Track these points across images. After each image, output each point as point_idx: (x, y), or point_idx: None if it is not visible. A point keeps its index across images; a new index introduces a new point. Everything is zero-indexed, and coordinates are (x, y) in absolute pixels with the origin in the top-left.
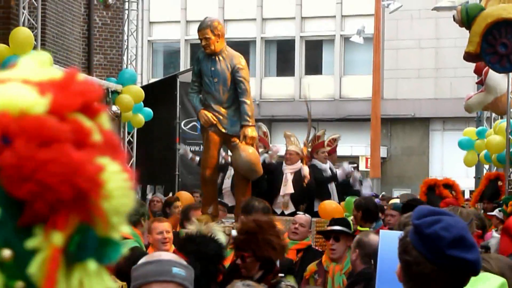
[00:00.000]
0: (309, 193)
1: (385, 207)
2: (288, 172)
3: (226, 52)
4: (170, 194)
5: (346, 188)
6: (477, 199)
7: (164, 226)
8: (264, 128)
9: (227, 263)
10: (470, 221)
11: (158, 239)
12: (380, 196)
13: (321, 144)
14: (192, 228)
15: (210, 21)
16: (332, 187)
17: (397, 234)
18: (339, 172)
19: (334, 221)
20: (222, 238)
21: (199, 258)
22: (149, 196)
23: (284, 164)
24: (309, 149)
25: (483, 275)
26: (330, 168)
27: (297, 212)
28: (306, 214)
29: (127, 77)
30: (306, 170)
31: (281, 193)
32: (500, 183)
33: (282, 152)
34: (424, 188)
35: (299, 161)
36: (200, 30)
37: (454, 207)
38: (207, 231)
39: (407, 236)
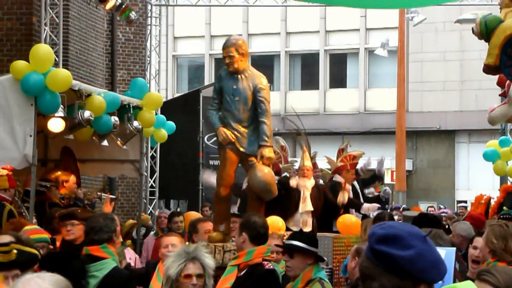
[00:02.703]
0: (330, 209)
1: None
2: (305, 189)
3: (249, 71)
4: (179, 210)
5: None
6: (495, 211)
7: (171, 240)
8: (282, 142)
9: (229, 281)
10: None
11: (163, 252)
12: (401, 209)
13: (353, 166)
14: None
15: (235, 39)
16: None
17: None
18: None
19: (293, 236)
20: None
21: (62, 274)
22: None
23: (298, 179)
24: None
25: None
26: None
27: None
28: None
29: (138, 88)
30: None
31: (300, 210)
32: None
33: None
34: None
35: (313, 177)
36: (224, 48)
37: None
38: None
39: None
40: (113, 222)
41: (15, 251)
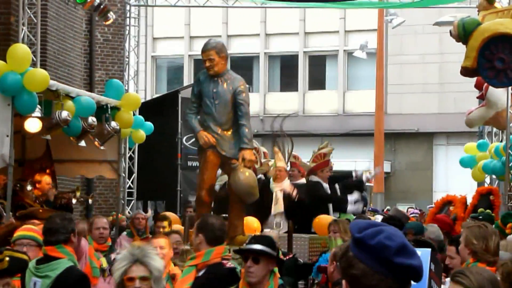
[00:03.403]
0: (303, 207)
1: None
2: (278, 190)
3: (228, 74)
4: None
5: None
6: (470, 214)
7: (159, 242)
8: (256, 144)
9: (188, 281)
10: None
11: None
12: (385, 210)
13: (326, 163)
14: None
15: (215, 42)
16: (329, 206)
17: None
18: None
19: (255, 239)
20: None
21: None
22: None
23: (272, 182)
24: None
25: None
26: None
27: (265, 230)
28: (274, 231)
29: (114, 89)
30: (287, 186)
31: (273, 212)
32: (492, 197)
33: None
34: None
35: (287, 177)
36: (204, 51)
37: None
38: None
39: (348, 251)
40: (70, 222)
41: (7, 258)
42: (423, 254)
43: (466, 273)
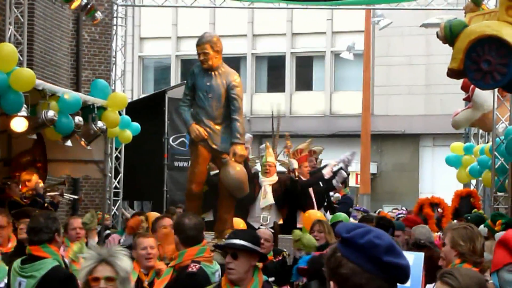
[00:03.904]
0: (291, 196)
1: None
2: (267, 184)
3: (222, 68)
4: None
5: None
6: (451, 216)
7: (149, 242)
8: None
9: (164, 282)
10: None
11: (142, 254)
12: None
13: (304, 158)
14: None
15: (210, 36)
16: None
17: None
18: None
19: (235, 234)
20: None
21: None
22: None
23: (261, 176)
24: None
25: None
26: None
27: (260, 227)
28: (269, 229)
29: (99, 89)
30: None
31: (261, 205)
32: (472, 199)
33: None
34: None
35: (276, 173)
36: (199, 44)
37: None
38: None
39: (336, 252)
40: (54, 222)
41: None
42: (416, 258)
43: (455, 273)
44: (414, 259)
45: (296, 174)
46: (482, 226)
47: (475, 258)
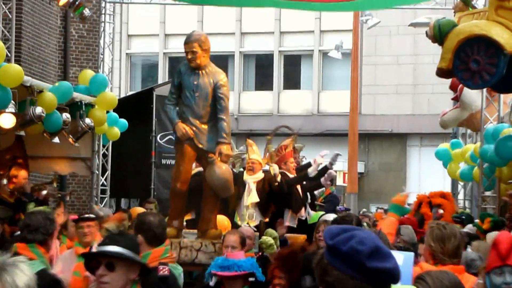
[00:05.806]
0: (278, 196)
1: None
2: (251, 182)
3: (209, 67)
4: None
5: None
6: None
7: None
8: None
9: None
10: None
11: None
12: (361, 212)
13: (290, 154)
14: None
15: (198, 35)
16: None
17: None
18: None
19: (110, 239)
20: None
21: None
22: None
23: (245, 173)
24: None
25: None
26: None
27: (243, 225)
28: (252, 226)
29: (99, 83)
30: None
31: (245, 203)
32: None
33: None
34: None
35: (261, 170)
36: (187, 43)
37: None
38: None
39: (323, 258)
40: (51, 224)
41: None
42: (406, 258)
43: (426, 278)
44: (404, 259)
45: (278, 179)
46: (470, 226)
47: (445, 259)
